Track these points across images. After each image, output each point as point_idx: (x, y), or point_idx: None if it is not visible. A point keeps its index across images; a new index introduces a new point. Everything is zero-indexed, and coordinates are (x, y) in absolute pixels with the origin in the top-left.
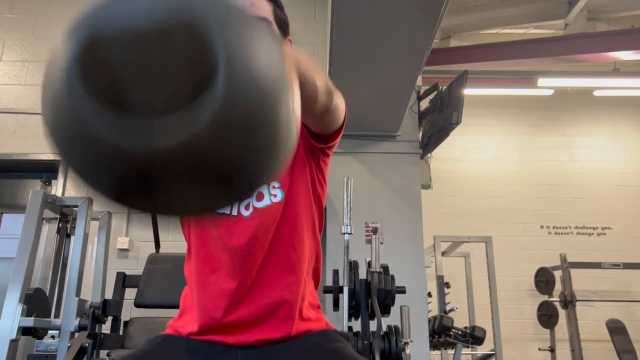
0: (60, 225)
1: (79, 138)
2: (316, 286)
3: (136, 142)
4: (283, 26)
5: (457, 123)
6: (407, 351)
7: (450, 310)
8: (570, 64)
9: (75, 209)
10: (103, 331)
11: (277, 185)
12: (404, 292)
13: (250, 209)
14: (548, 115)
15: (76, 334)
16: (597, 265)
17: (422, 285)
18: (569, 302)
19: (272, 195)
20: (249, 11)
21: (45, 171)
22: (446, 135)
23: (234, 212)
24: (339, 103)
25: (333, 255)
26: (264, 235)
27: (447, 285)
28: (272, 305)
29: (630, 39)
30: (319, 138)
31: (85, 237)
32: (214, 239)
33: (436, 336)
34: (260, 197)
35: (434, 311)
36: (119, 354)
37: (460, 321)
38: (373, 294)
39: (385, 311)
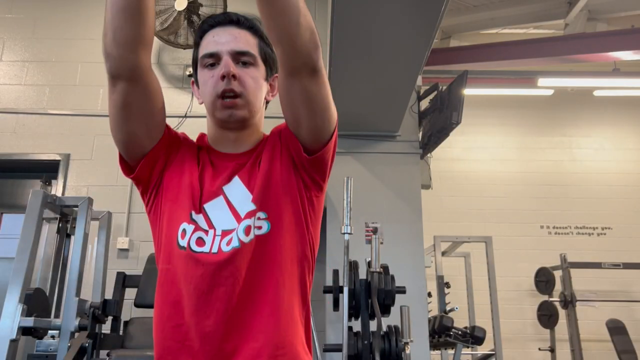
0: (60, 225)
1: None
2: (306, 338)
3: None
4: (269, 61)
5: (457, 123)
6: (407, 351)
7: (450, 310)
8: (570, 64)
9: (75, 209)
10: (103, 331)
11: (263, 216)
12: (404, 292)
13: (233, 243)
14: (548, 115)
15: (76, 334)
16: (597, 265)
17: (422, 285)
18: (569, 302)
19: (257, 227)
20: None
21: (45, 171)
22: (446, 135)
23: (214, 249)
24: (327, 82)
25: (333, 255)
26: (240, 270)
27: (447, 285)
28: (261, 349)
29: (630, 39)
30: (310, 152)
31: (85, 237)
32: (185, 276)
33: (436, 336)
34: (248, 231)
35: (434, 311)
36: (119, 354)
37: (460, 321)
38: (373, 294)
39: (385, 311)
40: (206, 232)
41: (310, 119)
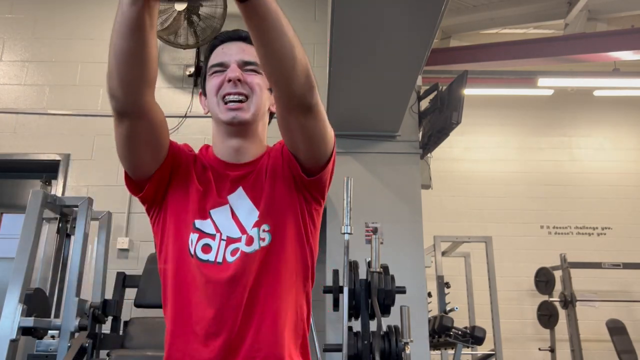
0: (60, 225)
1: None
2: (303, 346)
3: None
4: None
5: (457, 123)
6: (407, 351)
7: (450, 310)
8: (570, 64)
9: (75, 209)
10: (103, 331)
11: (267, 228)
12: (404, 292)
13: (238, 254)
14: (548, 115)
15: (76, 334)
16: (597, 265)
17: (422, 285)
18: (569, 302)
19: (261, 239)
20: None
21: (45, 171)
22: (446, 135)
23: (219, 259)
24: (323, 112)
25: (333, 255)
26: (245, 282)
27: (447, 285)
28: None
29: (630, 39)
30: (309, 174)
31: (85, 237)
32: (194, 286)
33: (436, 336)
34: (249, 241)
35: (434, 311)
36: (119, 354)
37: (460, 321)
38: (373, 294)
39: (385, 311)
40: (212, 236)
41: (307, 149)
